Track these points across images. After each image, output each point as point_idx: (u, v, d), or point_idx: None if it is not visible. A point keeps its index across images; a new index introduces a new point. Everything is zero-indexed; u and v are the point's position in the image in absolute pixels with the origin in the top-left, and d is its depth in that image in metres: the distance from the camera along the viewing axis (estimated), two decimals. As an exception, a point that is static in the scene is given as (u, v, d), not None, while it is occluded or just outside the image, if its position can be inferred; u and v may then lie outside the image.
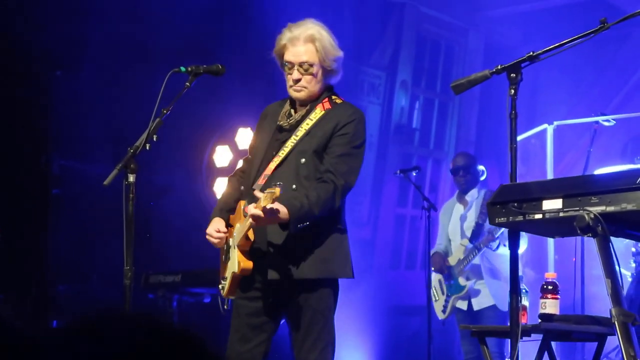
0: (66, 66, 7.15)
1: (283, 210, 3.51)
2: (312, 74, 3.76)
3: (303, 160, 3.71)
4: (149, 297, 6.37)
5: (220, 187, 7.27)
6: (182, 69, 3.87)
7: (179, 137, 6.93)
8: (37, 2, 6.85)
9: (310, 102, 3.83)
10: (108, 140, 6.81)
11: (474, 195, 6.63)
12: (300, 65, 3.75)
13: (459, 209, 6.73)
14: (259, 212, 3.42)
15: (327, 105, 3.80)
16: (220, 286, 3.91)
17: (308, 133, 3.75)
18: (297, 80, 3.77)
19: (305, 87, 3.77)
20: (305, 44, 3.75)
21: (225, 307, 3.90)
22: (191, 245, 6.91)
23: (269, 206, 3.41)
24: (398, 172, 7.28)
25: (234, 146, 7.93)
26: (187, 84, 3.87)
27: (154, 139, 3.76)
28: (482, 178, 6.78)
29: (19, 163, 6.93)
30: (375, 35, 9.08)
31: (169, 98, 3.79)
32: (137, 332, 1.28)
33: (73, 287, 7.25)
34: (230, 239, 3.83)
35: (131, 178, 3.73)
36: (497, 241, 6.29)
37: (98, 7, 7.01)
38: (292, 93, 3.82)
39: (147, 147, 3.75)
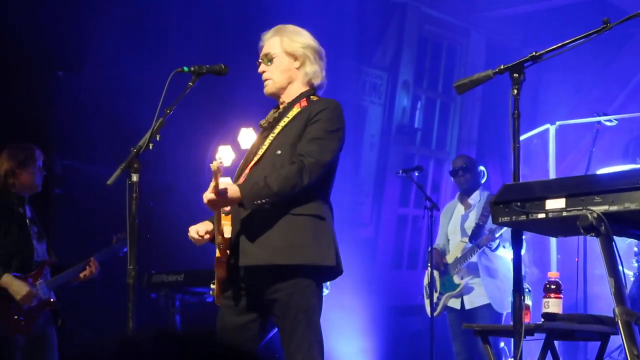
0: (68, 66, 7.15)
1: (233, 188, 3.58)
2: (275, 64, 3.84)
3: (279, 152, 3.75)
4: (152, 297, 6.36)
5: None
6: (185, 68, 3.87)
7: (182, 136, 6.93)
8: (38, 2, 6.85)
9: (289, 101, 3.86)
10: (110, 140, 6.81)
11: (477, 198, 6.61)
12: (264, 57, 3.87)
13: (460, 209, 6.72)
14: (211, 195, 3.52)
15: (305, 103, 3.84)
16: (211, 292, 3.91)
17: (284, 129, 3.79)
18: (262, 74, 3.87)
19: (269, 78, 3.86)
20: (269, 39, 3.89)
21: None
22: (194, 244, 6.90)
23: (215, 186, 3.48)
24: (400, 172, 7.26)
25: (236, 146, 7.90)
26: (190, 83, 3.87)
27: (157, 139, 3.76)
28: (483, 180, 6.76)
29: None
30: (376, 35, 9.08)
31: (171, 98, 3.80)
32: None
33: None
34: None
35: (134, 177, 3.73)
36: (497, 241, 6.26)
37: (99, 8, 7.01)
38: (264, 91, 3.92)
39: (150, 147, 3.75)
